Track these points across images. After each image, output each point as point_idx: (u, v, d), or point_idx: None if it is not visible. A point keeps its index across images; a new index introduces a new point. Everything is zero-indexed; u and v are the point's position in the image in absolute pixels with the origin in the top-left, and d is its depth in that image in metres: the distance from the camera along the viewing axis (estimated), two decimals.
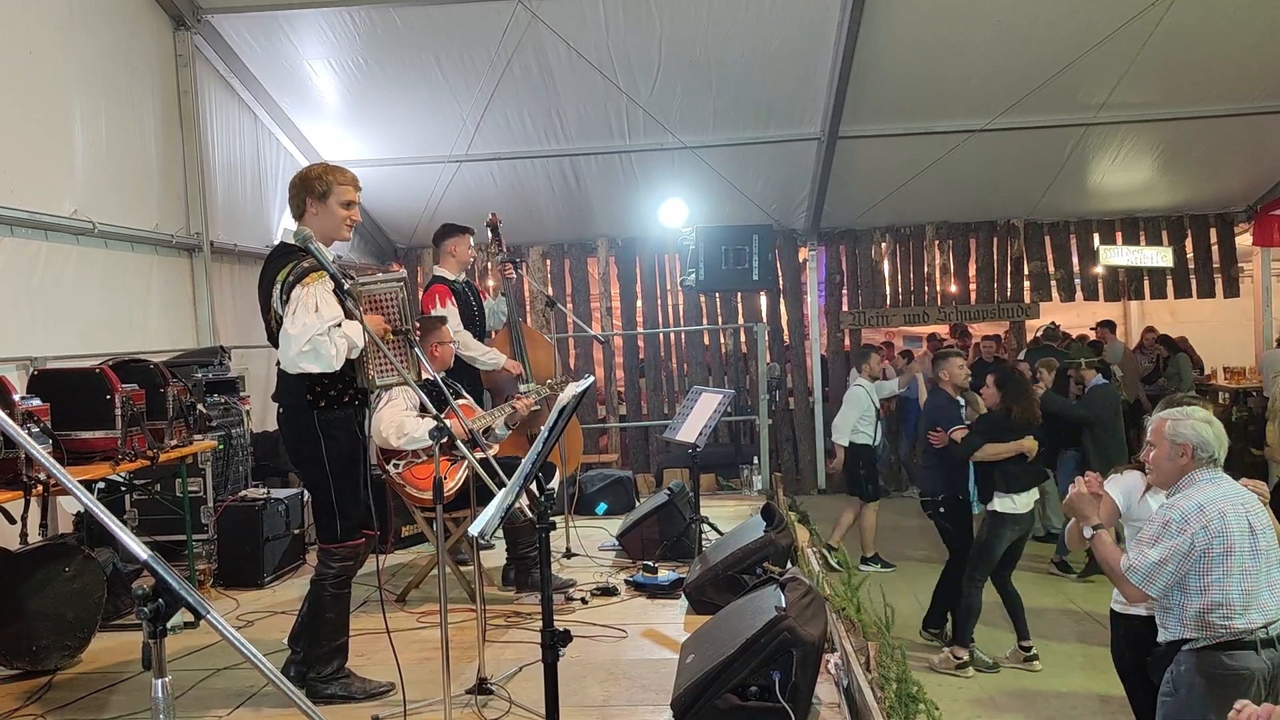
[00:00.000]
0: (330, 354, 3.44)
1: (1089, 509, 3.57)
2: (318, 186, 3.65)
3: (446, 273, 5.97)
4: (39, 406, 4.00)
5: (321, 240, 3.61)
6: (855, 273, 11.48)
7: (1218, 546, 3.21)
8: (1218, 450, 3.36)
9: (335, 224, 3.69)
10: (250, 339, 7.46)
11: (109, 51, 6.22)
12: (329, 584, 3.68)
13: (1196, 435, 3.34)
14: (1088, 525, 3.56)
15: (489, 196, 9.62)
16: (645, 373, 11.42)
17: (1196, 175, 10.63)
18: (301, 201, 3.68)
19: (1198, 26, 7.98)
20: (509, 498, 2.98)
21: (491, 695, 3.63)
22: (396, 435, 4.80)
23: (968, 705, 5.58)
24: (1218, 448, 3.36)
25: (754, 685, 3.15)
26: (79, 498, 1.54)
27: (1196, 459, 3.36)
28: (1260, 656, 3.21)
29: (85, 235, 5.80)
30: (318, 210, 3.66)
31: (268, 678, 1.58)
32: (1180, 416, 3.41)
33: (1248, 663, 3.22)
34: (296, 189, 3.70)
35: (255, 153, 8.20)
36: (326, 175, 3.67)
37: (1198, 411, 3.46)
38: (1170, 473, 3.42)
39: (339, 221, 3.70)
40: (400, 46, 7.81)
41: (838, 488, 11.28)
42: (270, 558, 5.49)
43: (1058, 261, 11.58)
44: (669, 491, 5.91)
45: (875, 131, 9.30)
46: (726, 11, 7.65)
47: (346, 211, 3.70)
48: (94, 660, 4.23)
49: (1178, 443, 3.37)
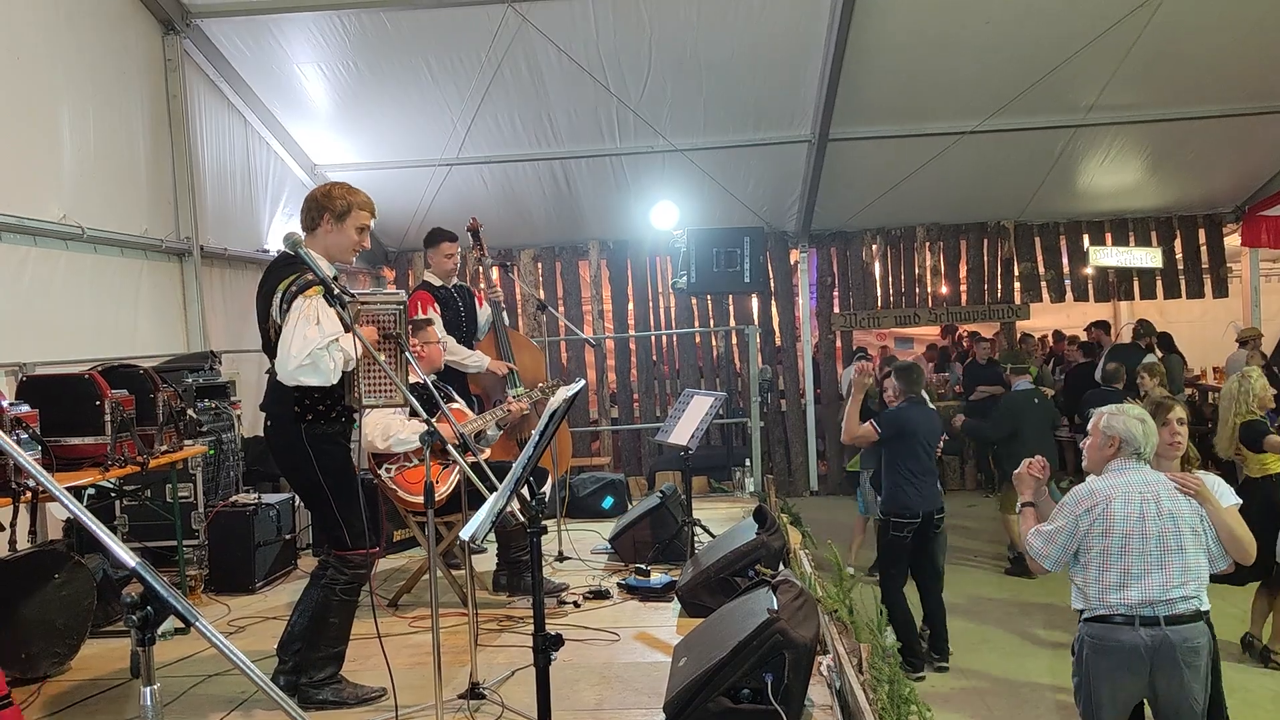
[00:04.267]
0: (329, 368, 3.43)
1: (1025, 487, 3.94)
2: (338, 205, 3.64)
3: (432, 279, 6.05)
4: (28, 412, 3.98)
5: (326, 257, 3.62)
6: (846, 274, 11.50)
7: (1098, 527, 3.53)
8: (1143, 446, 3.62)
9: (345, 246, 3.70)
10: (241, 344, 7.44)
11: (97, 56, 6.20)
12: (339, 589, 3.67)
13: (1126, 430, 3.61)
14: (1021, 501, 3.95)
15: (480, 200, 9.62)
16: (640, 372, 11.42)
17: (1185, 176, 10.67)
18: (319, 215, 3.66)
19: (1185, 28, 8.02)
20: (500, 502, 2.98)
21: (484, 700, 3.62)
22: (382, 437, 4.79)
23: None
24: (1144, 444, 3.62)
25: (746, 688, 3.15)
26: (67, 505, 1.53)
27: (1122, 451, 3.63)
28: (1137, 632, 3.47)
29: (74, 240, 5.77)
30: (332, 229, 3.66)
31: (257, 685, 1.58)
32: (1117, 412, 3.69)
33: (1120, 636, 3.50)
34: (315, 203, 3.67)
35: (245, 157, 8.18)
36: (348, 196, 3.67)
37: (1134, 409, 3.73)
38: (1097, 460, 3.71)
39: (350, 244, 3.70)
40: (390, 50, 7.80)
41: (830, 490, 11.34)
42: (261, 563, 5.48)
43: (1048, 263, 11.62)
44: (661, 494, 5.91)
45: (866, 134, 9.32)
46: (716, 14, 7.66)
47: (358, 237, 3.71)
48: (84, 667, 4.21)
49: (1108, 435, 3.66)
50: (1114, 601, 3.51)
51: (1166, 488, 3.57)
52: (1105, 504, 3.54)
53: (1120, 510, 3.52)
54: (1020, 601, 7.29)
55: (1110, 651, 3.52)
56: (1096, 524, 3.53)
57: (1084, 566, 3.59)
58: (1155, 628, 3.45)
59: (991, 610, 7.14)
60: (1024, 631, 6.69)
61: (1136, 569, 3.48)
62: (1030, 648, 6.38)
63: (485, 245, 6.55)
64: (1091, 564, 3.56)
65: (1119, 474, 3.61)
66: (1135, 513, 3.51)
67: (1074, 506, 3.60)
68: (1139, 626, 3.47)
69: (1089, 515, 3.55)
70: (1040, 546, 3.65)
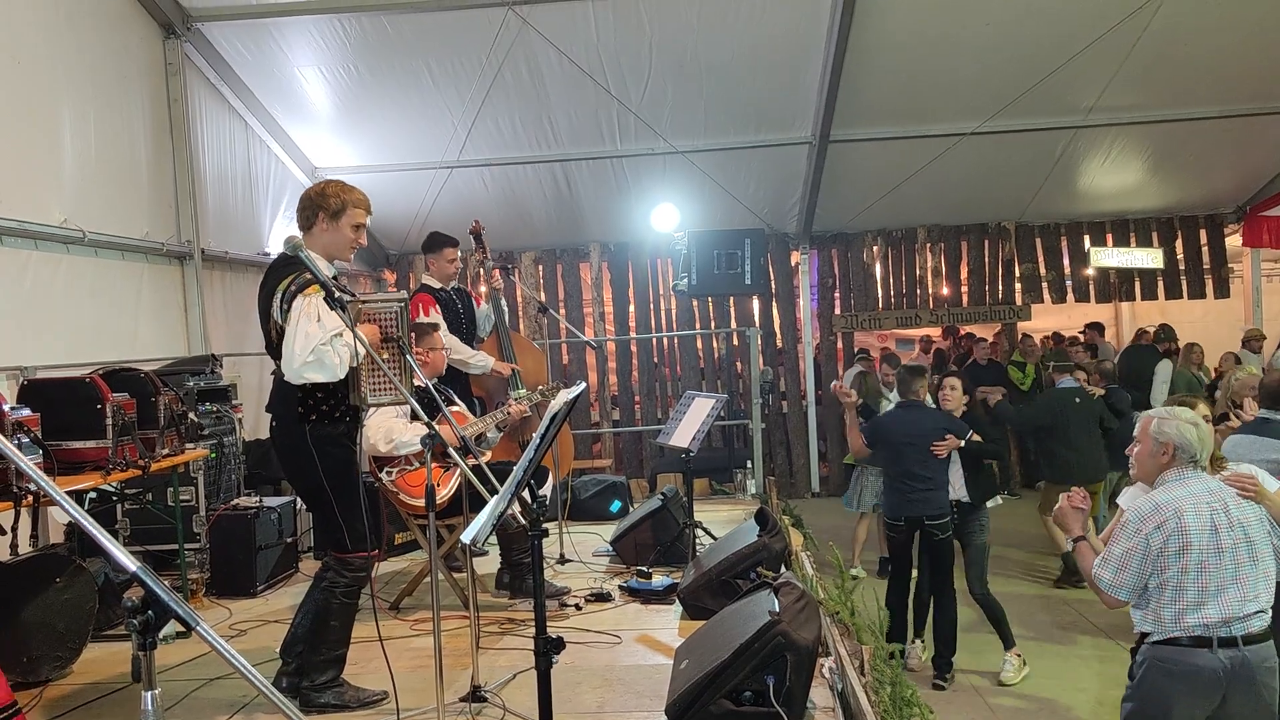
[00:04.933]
0: (334, 363, 3.43)
1: (1072, 521, 3.61)
2: (333, 204, 3.64)
3: (432, 282, 6.05)
4: (29, 416, 3.98)
5: (324, 256, 3.62)
6: (847, 276, 11.50)
7: (1173, 544, 3.23)
8: (1199, 452, 3.35)
9: (342, 244, 3.69)
10: (242, 347, 7.45)
11: (98, 60, 6.21)
12: (340, 592, 3.67)
13: (1179, 435, 3.35)
14: (1070, 537, 3.61)
15: (481, 202, 9.62)
16: (641, 374, 11.42)
17: (1186, 177, 10.67)
18: (314, 215, 3.66)
19: (1186, 29, 8.02)
20: (501, 504, 2.98)
21: (486, 703, 3.62)
22: (385, 441, 4.78)
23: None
24: (1199, 449, 3.35)
25: (748, 690, 3.15)
26: (67, 510, 1.53)
27: (1177, 459, 3.36)
28: (1215, 654, 3.21)
29: (75, 244, 5.78)
30: (328, 226, 3.66)
31: (258, 689, 1.58)
32: (1167, 416, 3.42)
33: (1196, 660, 3.23)
34: (310, 202, 3.68)
35: (246, 160, 8.19)
36: (342, 194, 3.66)
37: (1184, 412, 3.45)
38: (1150, 469, 3.44)
39: (346, 242, 3.70)
40: (391, 53, 7.81)
41: (832, 491, 11.32)
42: (263, 566, 5.47)
43: (1049, 263, 11.61)
44: (662, 497, 5.91)
45: (866, 135, 9.32)
46: (717, 16, 7.67)
47: (355, 234, 3.70)
48: (86, 671, 4.21)
49: (1160, 441, 3.38)
50: (1193, 623, 3.22)
51: (1230, 495, 3.33)
52: (1176, 518, 3.24)
53: (1194, 524, 3.23)
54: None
55: (1184, 676, 3.24)
56: (1171, 541, 3.23)
57: (1159, 589, 3.27)
58: (1233, 649, 3.21)
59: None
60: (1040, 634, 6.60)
61: (1213, 586, 3.22)
62: (1038, 650, 6.33)
63: (488, 248, 6.56)
64: (1168, 585, 3.25)
65: (1179, 484, 3.33)
66: (1207, 525, 3.24)
67: (1140, 524, 3.29)
68: (1217, 648, 3.21)
69: (1160, 533, 3.24)
70: (1112, 578, 3.32)
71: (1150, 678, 3.33)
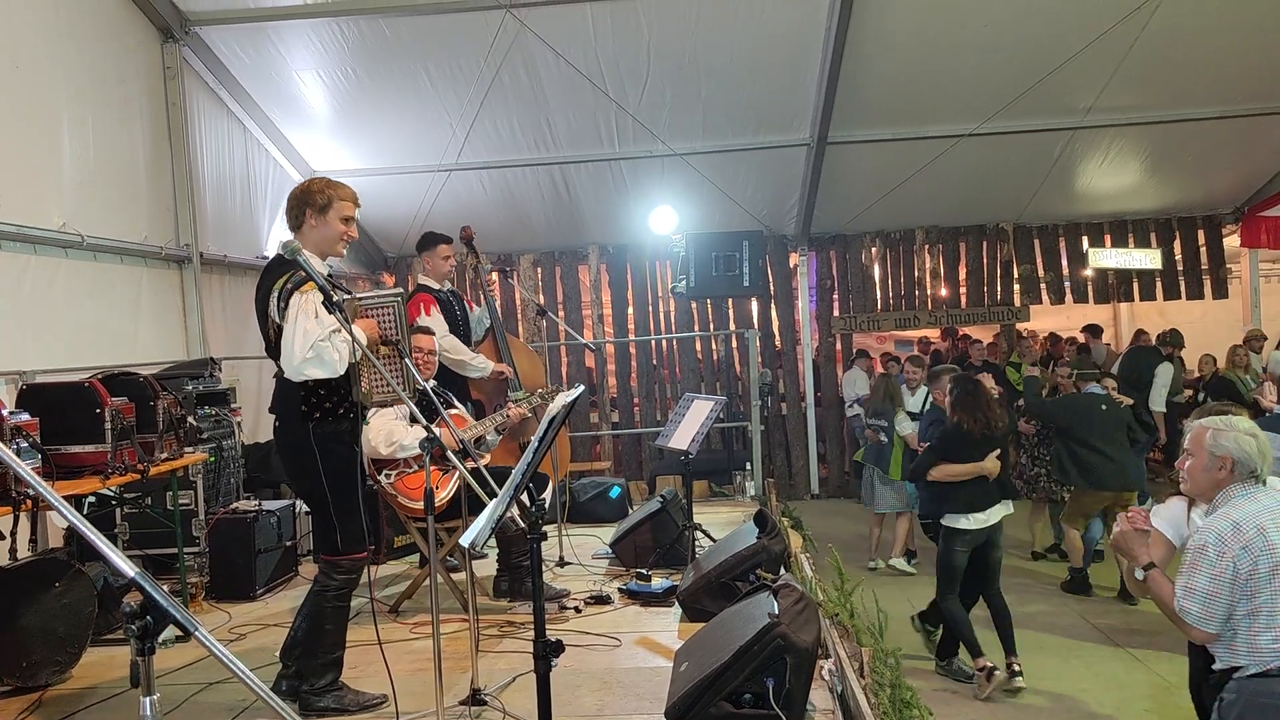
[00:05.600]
0: (334, 359, 3.43)
1: (1137, 547, 3.32)
2: (319, 199, 3.64)
3: (430, 282, 6.03)
4: (28, 421, 3.98)
5: (317, 254, 3.62)
6: (846, 277, 11.51)
7: (1263, 566, 2.99)
8: (1260, 466, 3.14)
9: (332, 239, 3.69)
10: (241, 350, 7.45)
11: (96, 64, 6.21)
12: (331, 595, 3.67)
13: (1239, 449, 3.13)
14: (1138, 566, 3.29)
15: (479, 205, 9.63)
16: (640, 376, 11.42)
17: (1184, 178, 10.68)
18: (301, 213, 3.67)
19: (1183, 30, 8.04)
20: (500, 508, 2.98)
21: (485, 706, 3.61)
22: (386, 443, 4.79)
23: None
24: (1260, 463, 3.14)
25: (748, 693, 3.14)
26: (65, 516, 1.53)
27: (1236, 474, 3.14)
28: None
29: (74, 248, 5.78)
30: (316, 223, 3.66)
31: (257, 694, 1.57)
32: (1224, 427, 3.19)
33: None
34: (296, 201, 3.69)
35: (245, 164, 8.19)
36: (328, 189, 3.67)
37: (1242, 423, 3.23)
38: (1206, 485, 3.22)
39: (336, 236, 3.69)
40: (389, 56, 7.82)
41: (831, 493, 11.33)
42: (262, 570, 5.47)
43: (1047, 264, 11.62)
44: (662, 499, 5.90)
45: (864, 137, 9.34)
46: (715, 18, 7.68)
47: (344, 227, 3.70)
48: (85, 675, 4.20)
49: (1217, 455, 3.16)
50: None
51: None
52: (1260, 536, 2.99)
53: (1278, 540, 2.99)
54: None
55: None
56: (1261, 561, 2.97)
57: (1250, 615, 3.00)
58: None
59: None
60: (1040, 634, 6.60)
61: None
62: (1039, 651, 6.31)
63: (480, 253, 6.56)
64: (1261, 611, 2.98)
65: (1248, 500, 3.09)
66: None
67: (1222, 547, 3.02)
68: None
69: (1248, 554, 2.98)
70: (1201, 610, 3.03)
71: (1242, 711, 3.04)
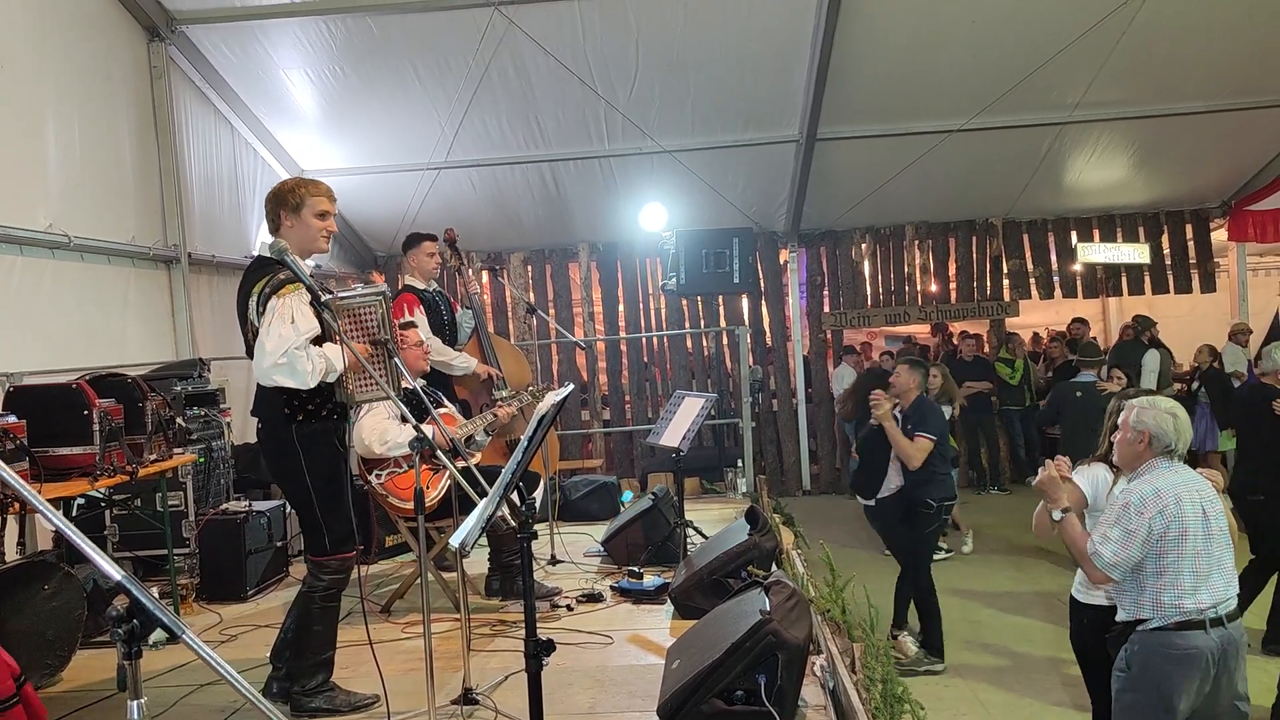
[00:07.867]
0: (306, 370, 3.40)
1: (1058, 492, 3.63)
2: (290, 199, 3.64)
3: (415, 282, 6.03)
4: (15, 423, 3.96)
5: (299, 253, 3.60)
6: (836, 274, 11.52)
7: (1174, 530, 3.33)
8: (1176, 442, 3.45)
9: (311, 236, 3.68)
10: (230, 351, 7.41)
11: (82, 64, 6.18)
12: (318, 596, 3.66)
13: (1156, 425, 3.45)
14: (1056, 509, 3.61)
15: (468, 203, 9.61)
16: (631, 374, 11.42)
17: (1172, 172, 10.72)
18: (276, 215, 3.68)
19: (1170, 24, 8.06)
20: (489, 507, 2.97)
21: (477, 705, 3.61)
22: (379, 442, 4.78)
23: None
24: (1176, 439, 3.45)
25: (740, 689, 3.15)
26: (51, 520, 1.52)
27: (1153, 448, 3.46)
28: (1209, 635, 3.33)
29: (61, 249, 5.75)
30: (292, 223, 3.65)
31: (246, 697, 1.57)
32: (1147, 405, 3.52)
33: (1196, 642, 3.33)
34: (270, 203, 3.70)
35: (232, 163, 8.16)
36: (299, 188, 3.67)
37: (1164, 402, 3.55)
38: (1128, 457, 3.55)
39: (315, 233, 3.68)
40: (376, 55, 7.79)
41: (823, 489, 11.35)
42: (253, 571, 5.45)
43: (1036, 259, 11.65)
44: (653, 496, 5.90)
45: (853, 133, 9.34)
46: (703, 15, 7.67)
47: (321, 223, 3.69)
48: (75, 678, 4.19)
49: (1138, 429, 3.48)
50: (1189, 607, 3.33)
51: (1206, 485, 3.46)
52: (1176, 505, 3.34)
53: (1190, 511, 3.34)
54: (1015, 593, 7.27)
55: (1186, 659, 3.34)
56: (1172, 526, 3.32)
57: (1157, 574, 3.37)
58: (1221, 628, 3.34)
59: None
60: (1022, 625, 6.68)
61: (1203, 570, 3.34)
62: (1024, 644, 6.37)
63: (464, 255, 6.55)
64: (1167, 570, 3.35)
65: (1170, 472, 3.44)
66: (1198, 512, 3.36)
67: (1142, 507, 3.35)
68: (1209, 629, 3.33)
69: (1162, 518, 3.32)
70: (1112, 556, 3.38)
71: (1152, 664, 3.39)
